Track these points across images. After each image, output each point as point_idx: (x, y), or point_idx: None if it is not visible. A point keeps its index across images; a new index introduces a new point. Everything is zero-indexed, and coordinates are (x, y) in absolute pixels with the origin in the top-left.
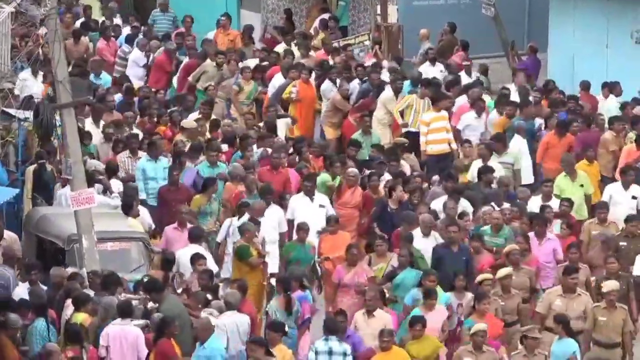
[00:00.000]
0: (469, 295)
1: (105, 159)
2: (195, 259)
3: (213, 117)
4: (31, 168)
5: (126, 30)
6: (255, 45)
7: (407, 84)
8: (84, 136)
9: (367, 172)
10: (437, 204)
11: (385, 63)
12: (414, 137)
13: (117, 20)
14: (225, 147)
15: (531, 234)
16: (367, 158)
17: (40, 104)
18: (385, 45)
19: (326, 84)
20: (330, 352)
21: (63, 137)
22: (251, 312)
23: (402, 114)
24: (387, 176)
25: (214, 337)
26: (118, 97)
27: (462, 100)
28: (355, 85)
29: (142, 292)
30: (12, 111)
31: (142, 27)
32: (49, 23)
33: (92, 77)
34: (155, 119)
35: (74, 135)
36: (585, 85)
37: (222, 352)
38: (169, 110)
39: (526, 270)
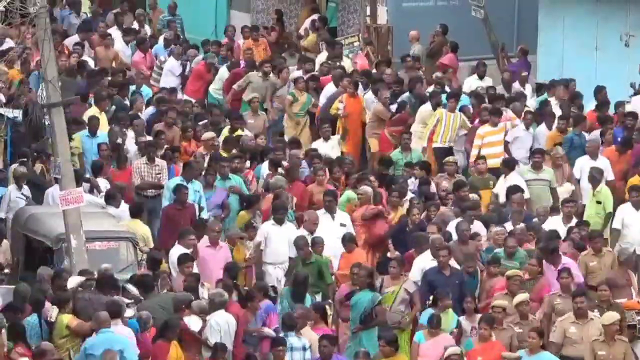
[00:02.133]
0: (479, 318)
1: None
2: (183, 260)
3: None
4: (14, 166)
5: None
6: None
7: (465, 99)
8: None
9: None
10: (452, 226)
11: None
12: (443, 153)
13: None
14: (247, 163)
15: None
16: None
17: (29, 103)
18: (375, 46)
19: (368, 95)
20: (291, 349)
21: (52, 137)
22: (237, 312)
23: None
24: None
25: None
26: (150, 110)
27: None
28: (404, 98)
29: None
30: (0, 110)
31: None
32: (38, 22)
33: (132, 89)
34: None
35: (63, 135)
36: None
37: None
38: (201, 123)
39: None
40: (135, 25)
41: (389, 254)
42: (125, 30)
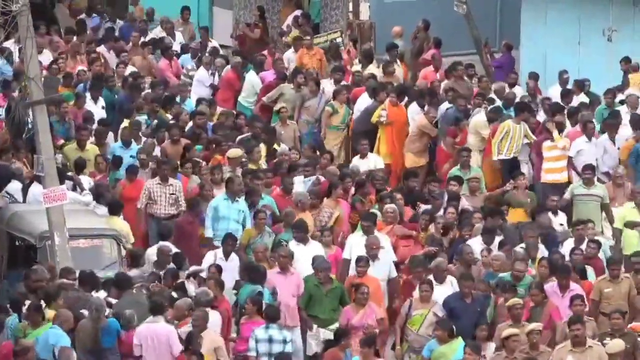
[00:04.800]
0: (492, 346)
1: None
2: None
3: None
4: None
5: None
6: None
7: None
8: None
9: (422, 207)
10: (474, 243)
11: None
12: (509, 164)
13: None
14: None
15: (554, 284)
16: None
17: (12, 101)
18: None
19: (413, 107)
20: (270, 340)
21: (35, 135)
22: (227, 308)
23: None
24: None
25: None
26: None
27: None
28: (442, 110)
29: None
30: None
31: (111, 23)
32: (20, 20)
33: (177, 101)
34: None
35: (46, 133)
36: None
37: None
38: (242, 136)
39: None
40: (157, 33)
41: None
42: (149, 40)
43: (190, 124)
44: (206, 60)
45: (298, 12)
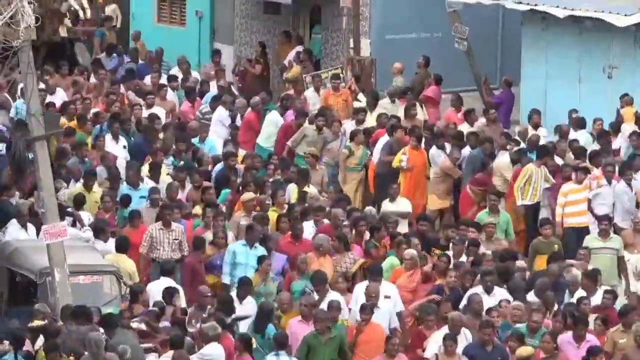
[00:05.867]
0: None
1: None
2: (170, 293)
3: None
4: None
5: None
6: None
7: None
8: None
9: (437, 252)
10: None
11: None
12: (532, 209)
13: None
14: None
15: (569, 335)
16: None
17: (12, 137)
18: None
19: (434, 150)
20: None
21: (36, 171)
22: (229, 346)
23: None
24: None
25: None
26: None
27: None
28: (465, 152)
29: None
30: None
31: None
32: (21, 55)
33: (196, 142)
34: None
35: (47, 169)
36: None
37: None
38: (271, 180)
39: None
40: (175, 72)
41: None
42: (169, 77)
43: (220, 165)
44: (227, 100)
45: (299, 48)
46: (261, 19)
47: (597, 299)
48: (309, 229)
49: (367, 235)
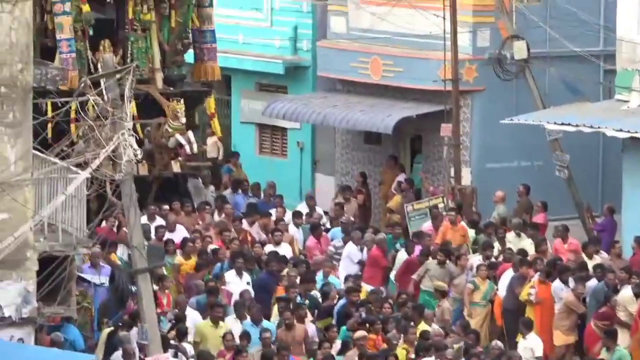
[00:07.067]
0: None
1: None
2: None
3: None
4: (107, 330)
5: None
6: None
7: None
8: None
9: None
10: None
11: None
12: None
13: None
14: None
15: None
16: None
17: (115, 270)
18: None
19: (557, 284)
20: None
21: (138, 302)
22: None
23: None
24: None
25: None
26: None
27: None
28: (590, 285)
29: None
30: (87, 276)
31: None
32: (124, 188)
33: (319, 280)
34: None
35: (150, 300)
36: None
37: None
38: (392, 316)
39: None
40: (302, 208)
41: None
42: (294, 213)
43: (342, 301)
44: (356, 235)
45: (401, 177)
46: (362, 149)
47: None
48: None
49: None
